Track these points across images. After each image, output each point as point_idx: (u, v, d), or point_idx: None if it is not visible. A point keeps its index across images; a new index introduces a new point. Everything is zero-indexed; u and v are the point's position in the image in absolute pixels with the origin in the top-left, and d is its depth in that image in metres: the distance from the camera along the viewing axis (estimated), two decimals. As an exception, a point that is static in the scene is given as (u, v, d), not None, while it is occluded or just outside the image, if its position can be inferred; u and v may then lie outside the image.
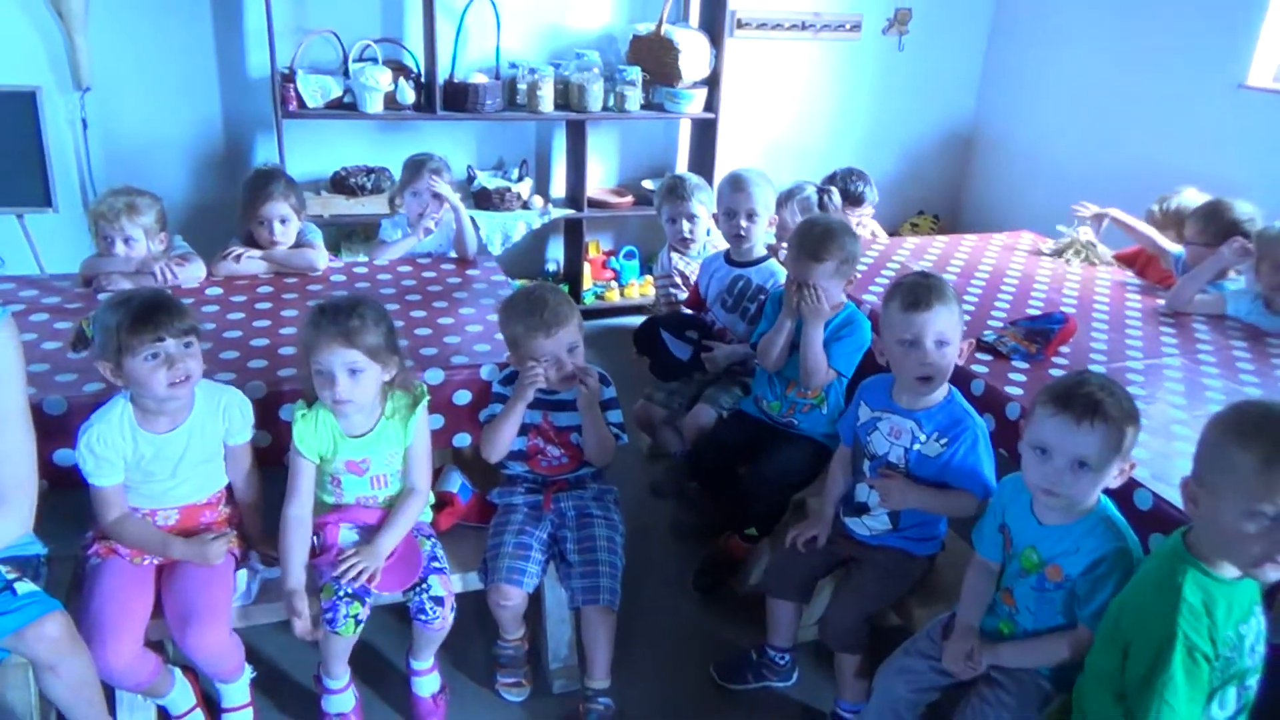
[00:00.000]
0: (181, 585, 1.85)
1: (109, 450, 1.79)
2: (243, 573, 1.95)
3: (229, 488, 1.99)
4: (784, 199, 3.18)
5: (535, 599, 2.13)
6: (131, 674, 1.79)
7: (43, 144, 3.45)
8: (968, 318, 2.49)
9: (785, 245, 2.67)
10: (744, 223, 2.73)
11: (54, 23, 3.58)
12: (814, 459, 2.39)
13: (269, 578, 1.98)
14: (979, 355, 2.32)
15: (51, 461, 1.88)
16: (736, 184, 2.75)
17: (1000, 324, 2.55)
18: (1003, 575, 1.75)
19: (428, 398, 2.01)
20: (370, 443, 1.95)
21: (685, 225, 3.01)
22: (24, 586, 1.61)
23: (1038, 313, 2.64)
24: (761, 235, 2.78)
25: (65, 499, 1.87)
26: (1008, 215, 4.72)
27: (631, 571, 2.14)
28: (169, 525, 1.91)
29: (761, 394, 2.52)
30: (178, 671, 1.96)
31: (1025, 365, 2.29)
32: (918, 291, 1.91)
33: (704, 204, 3.01)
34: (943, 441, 1.93)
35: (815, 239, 2.28)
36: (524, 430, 2.14)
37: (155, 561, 1.90)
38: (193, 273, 2.60)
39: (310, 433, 1.92)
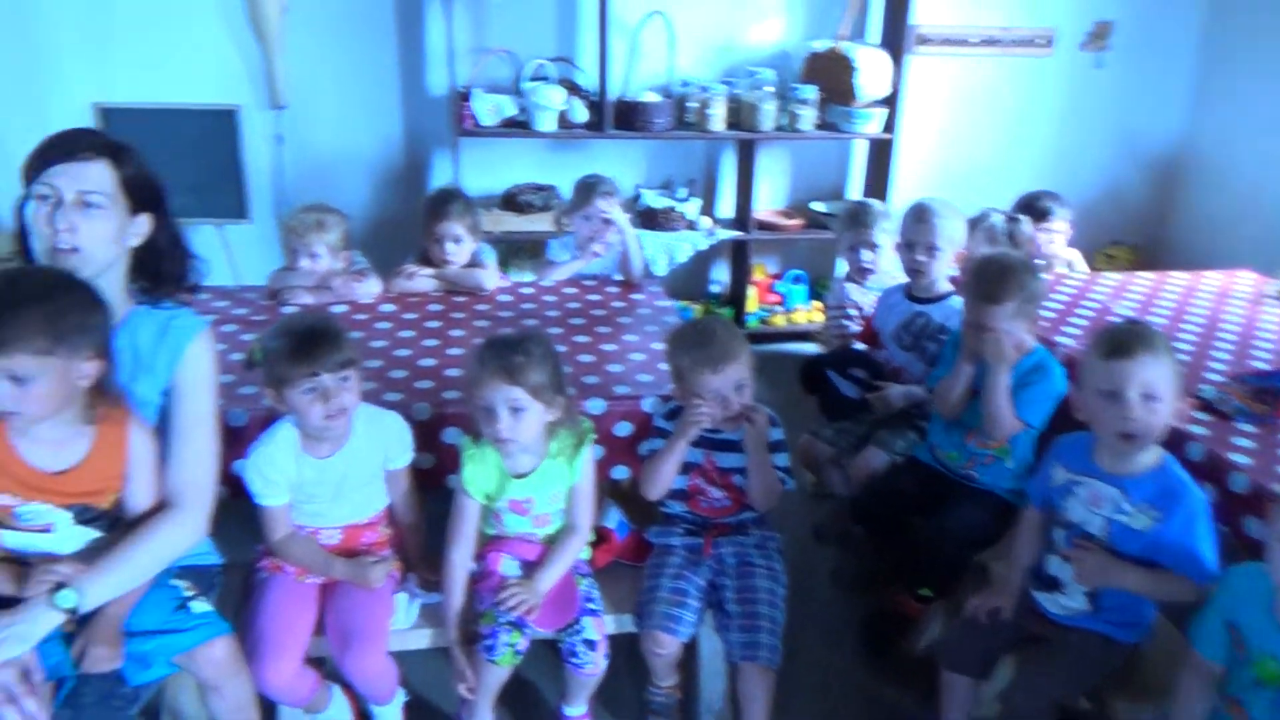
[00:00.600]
0: (343, 605, 1.87)
1: (275, 472, 1.83)
2: (401, 596, 1.95)
3: (390, 508, 2.01)
4: (968, 228, 2.97)
5: (690, 644, 2.03)
6: (291, 691, 1.82)
7: (241, 159, 3.68)
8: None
9: (968, 279, 2.49)
10: (921, 257, 2.56)
11: (255, 45, 3.79)
12: (999, 517, 2.19)
13: (427, 603, 1.97)
14: (1195, 415, 2.07)
15: (231, 471, 1.93)
16: (919, 215, 2.58)
17: (1220, 378, 2.27)
18: (1230, 681, 1.52)
19: (593, 435, 1.96)
20: (534, 482, 1.91)
21: (866, 254, 2.86)
22: (199, 606, 1.66)
23: (1266, 367, 2.34)
24: (944, 271, 2.59)
25: (246, 507, 1.91)
26: (1219, 249, 4.28)
27: (789, 620, 2.02)
28: (332, 544, 1.93)
29: (938, 442, 2.34)
30: (336, 689, 1.98)
31: (1252, 429, 2.02)
32: (1121, 337, 1.72)
33: (887, 233, 2.85)
34: (1153, 514, 1.71)
35: (990, 279, 2.12)
36: (685, 469, 2.05)
37: (319, 580, 1.93)
38: (368, 289, 2.67)
39: (478, 472, 1.90)
